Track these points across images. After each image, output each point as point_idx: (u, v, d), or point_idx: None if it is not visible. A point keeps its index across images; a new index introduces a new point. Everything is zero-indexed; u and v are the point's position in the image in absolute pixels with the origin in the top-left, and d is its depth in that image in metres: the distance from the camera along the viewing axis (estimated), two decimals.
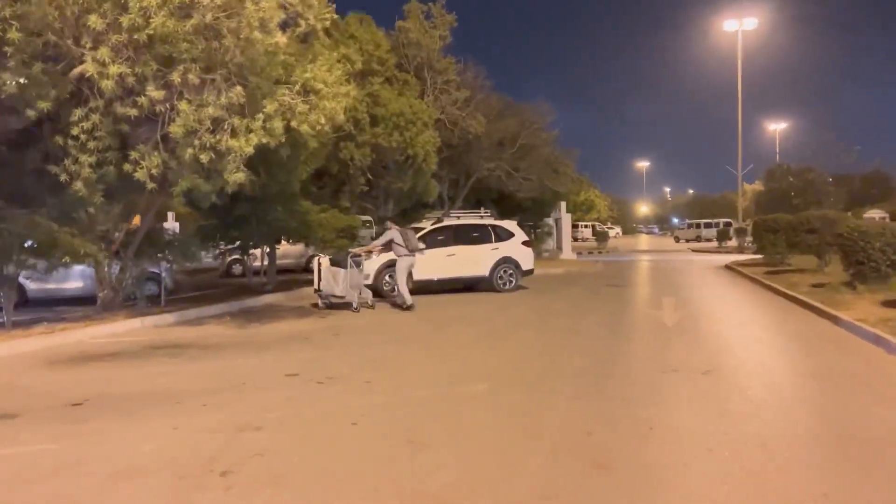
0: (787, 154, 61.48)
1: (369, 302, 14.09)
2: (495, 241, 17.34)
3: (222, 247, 16.37)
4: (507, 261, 17.20)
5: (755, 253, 30.16)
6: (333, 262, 14.05)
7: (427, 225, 17.26)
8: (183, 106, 8.92)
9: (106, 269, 12.36)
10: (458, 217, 17.74)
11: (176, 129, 8.98)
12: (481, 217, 17.80)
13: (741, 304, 14.66)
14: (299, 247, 21.29)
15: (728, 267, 25.45)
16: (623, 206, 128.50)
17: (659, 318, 12.41)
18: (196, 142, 9.24)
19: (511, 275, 17.24)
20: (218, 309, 13.72)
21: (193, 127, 9.12)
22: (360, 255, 14.03)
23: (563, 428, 5.64)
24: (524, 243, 17.72)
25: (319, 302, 14.19)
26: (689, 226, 69.19)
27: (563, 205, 30.95)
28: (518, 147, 29.84)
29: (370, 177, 21.57)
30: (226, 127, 9.22)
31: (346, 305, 13.84)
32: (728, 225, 63.21)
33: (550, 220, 33.61)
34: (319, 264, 14.11)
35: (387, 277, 16.08)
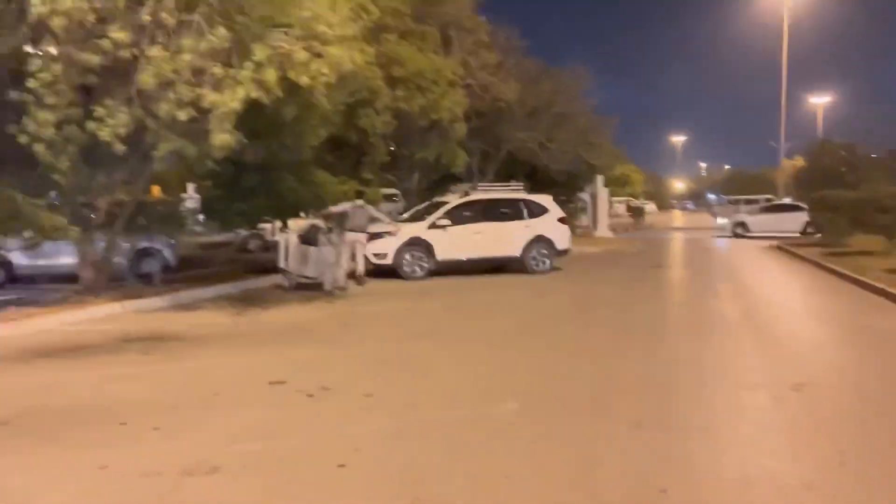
0: (831, 129, 58.41)
1: (341, 283, 12.52)
2: (528, 218, 15.62)
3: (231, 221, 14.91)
4: (540, 240, 15.49)
5: (804, 232, 28.04)
6: (304, 239, 12.51)
7: (453, 199, 15.59)
8: (154, 51, 7.35)
9: (88, 245, 10.94)
10: (487, 191, 16.00)
11: (146, 79, 7.44)
12: (512, 191, 16.06)
13: (807, 291, 12.83)
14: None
15: (779, 247, 23.41)
16: (657, 181, 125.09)
17: (719, 309, 10.68)
18: (172, 96, 7.68)
19: (545, 255, 15.53)
20: (218, 290, 12.28)
21: (168, 77, 7.56)
22: (332, 232, 12.41)
23: (624, 479, 4.03)
24: (560, 220, 15.98)
25: (286, 282, 12.73)
26: (730, 202, 66.38)
27: (600, 179, 29.01)
28: (553, 116, 27.91)
29: (393, 146, 19.90)
30: (207, 78, 7.63)
31: (317, 286, 12.35)
32: (769, 202, 60.43)
33: (585, 195, 31.67)
34: (287, 241, 12.61)
35: (407, 256, 14.50)
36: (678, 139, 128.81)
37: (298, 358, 7.32)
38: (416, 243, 14.58)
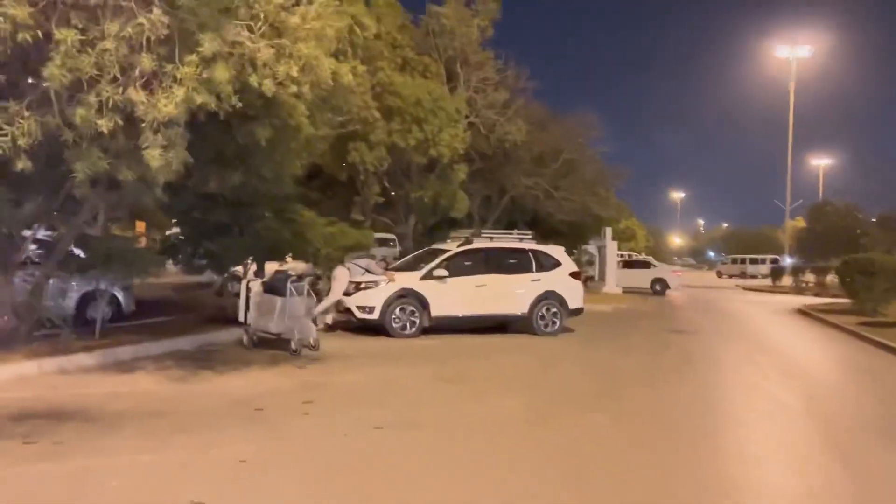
0: (832, 191, 57.78)
1: (311, 342, 10.55)
2: (536, 271, 13.70)
3: (197, 262, 12.93)
4: (550, 296, 13.54)
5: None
6: (268, 288, 10.58)
7: (452, 246, 13.68)
8: (64, 34, 5.51)
9: (5, 287, 8.98)
10: (492, 238, 14.09)
11: (53, 73, 5.57)
12: (520, 240, 14.18)
13: (866, 373, 10.84)
14: (303, 264, 17.69)
15: (803, 312, 21.45)
16: (658, 236, 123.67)
17: (772, 393, 8.70)
18: (92, 98, 5.82)
19: (555, 314, 13.56)
20: (170, 345, 10.25)
21: (85, 72, 5.71)
22: (301, 280, 10.48)
23: None
24: (572, 275, 14.06)
25: (244, 338, 10.75)
26: (734, 261, 64.74)
27: (609, 231, 27.22)
28: (561, 163, 26.31)
29: (387, 185, 18.11)
30: (136, 74, 5.78)
31: (282, 343, 10.36)
32: (775, 262, 58.95)
33: (592, 248, 29.83)
34: (248, 289, 10.66)
35: (397, 311, 12.51)
36: (678, 195, 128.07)
37: (230, 457, 5.28)
38: (407, 295, 12.63)
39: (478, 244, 13.65)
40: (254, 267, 14.19)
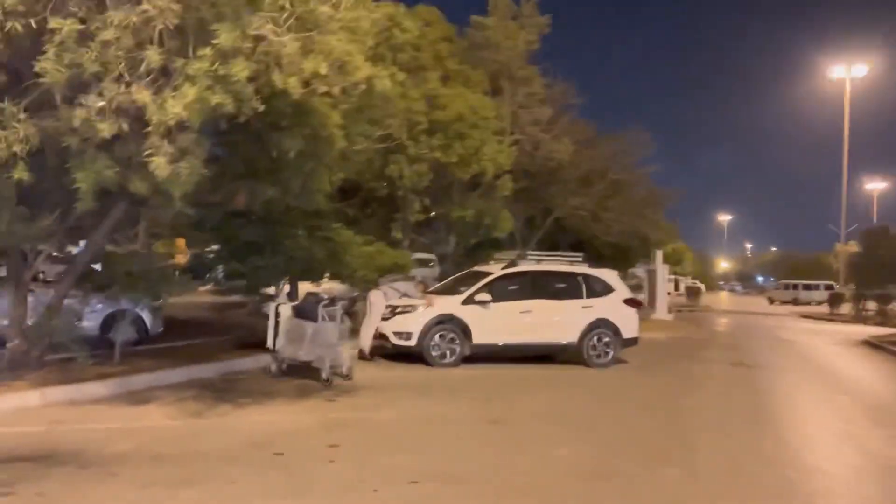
0: (886, 217, 55.58)
1: (344, 371, 9.72)
2: (588, 297, 12.67)
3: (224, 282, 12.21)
4: (603, 324, 12.49)
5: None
6: (298, 312, 9.76)
7: (496, 269, 12.74)
8: (60, 24, 4.81)
9: (17, 307, 8.36)
10: (539, 261, 13.13)
11: (47, 68, 4.87)
12: (570, 262, 13.18)
13: None
14: (339, 286, 16.99)
15: (871, 343, 19.89)
16: (704, 260, 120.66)
17: (863, 443, 7.53)
18: (93, 98, 5.10)
19: (608, 344, 12.49)
20: (191, 373, 9.52)
21: (87, 68, 5.00)
22: (335, 304, 9.65)
23: None
24: (627, 301, 12.99)
25: (272, 366, 9.91)
26: (787, 287, 62.26)
27: (660, 254, 25.96)
28: (608, 183, 25.22)
29: (427, 203, 17.29)
30: (143, 70, 5.05)
31: (312, 371, 9.50)
32: (829, 288, 56.62)
33: (640, 272, 28.56)
34: (277, 314, 9.84)
35: (436, 338, 11.62)
36: (724, 218, 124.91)
37: None
38: (447, 321, 11.73)
39: (523, 266, 12.69)
40: (287, 288, 13.52)
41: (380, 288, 11.98)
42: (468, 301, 11.92)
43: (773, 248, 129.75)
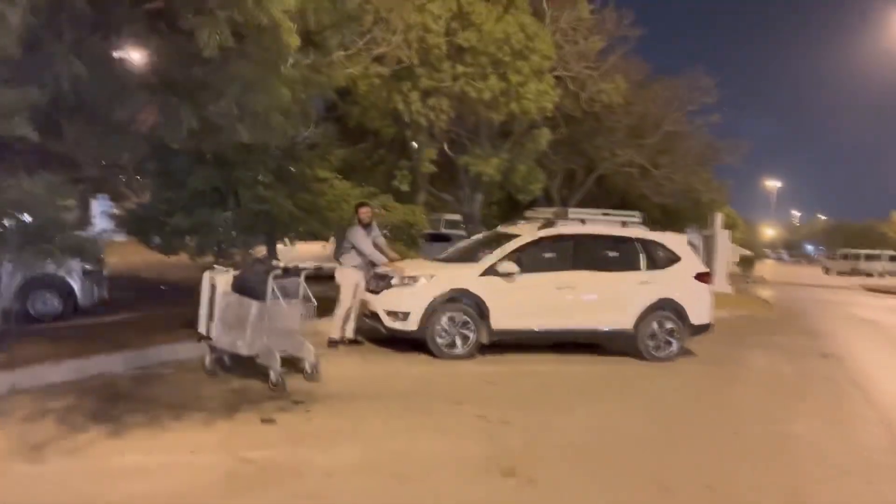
0: None
1: (307, 368, 6.94)
2: (647, 269, 9.62)
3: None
4: (665, 305, 9.45)
5: None
6: (239, 286, 6.78)
7: (526, 231, 9.69)
8: None
9: None
10: (584, 221, 10.04)
11: None
12: (623, 224, 10.07)
13: None
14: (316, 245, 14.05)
15: None
16: (750, 228, 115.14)
17: None
18: None
19: (671, 332, 9.46)
20: (92, 366, 6.77)
21: None
22: (291, 273, 6.77)
23: None
24: (699, 276, 9.89)
25: (206, 359, 7.04)
26: (844, 256, 57.89)
27: (719, 218, 22.54)
28: (662, 135, 21.80)
29: (448, 150, 14.23)
30: None
31: (255, 370, 6.66)
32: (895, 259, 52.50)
33: (694, 237, 25.12)
34: (212, 286, 6.88)
35: (443, 320, 8.70)
36: (772, 184, 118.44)
37: None
38: (460, 299, 8.79)
39: (563, 228, 9.57)
40: (259, 251, 10.71)
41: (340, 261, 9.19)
42: (488, 272, 8.93)
43: (821, 216, 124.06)
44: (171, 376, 6.87)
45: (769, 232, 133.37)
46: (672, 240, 10.08)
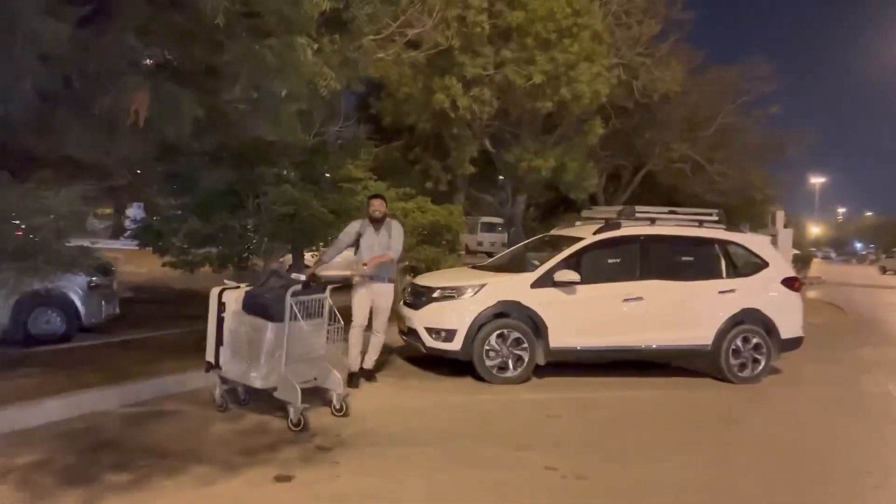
0: None
1: (335, 401, 5.80)
2: (729, 276, 8.29)
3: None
4: (751, 318, 8.10)
5: None
6: (250, 304, 5.59)
7: (584, 233, 8.40)
8: None
9: None
10: (653, 220, 8.58)
11: None
12: (699, 223, 8.72)
13: None
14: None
15: None
16: (795, 225, 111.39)
17: None
18: None
19: (758, 348, 8.09)
20: (81, 404, 5.73)
21: None
22: (314, 289, 5.67)
23: None
24: (787, 283, 8.51)
25: (216, 392, 5.85)
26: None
27: (781, 216, 20.89)
28: (718, 127, 20.30)
29: (489, 146, 13.02)
30: None
31: (275, 403, 5.51)
32: None
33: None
34: (220, 304, 5.75)
35: (493, 340, 7.48)
36: (817, 180, 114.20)
37: None
38: (511, 313, 7.57)
39: (629, 229, 8.27)
40: (285, 260, 9.67)
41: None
42: (543, 282, 7.69)
43: (869, 213, 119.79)
44: (174, 414, 5.77)
45: (814, 230, 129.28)
46: (756, 241, 8.70)
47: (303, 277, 5.64)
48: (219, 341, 5.72)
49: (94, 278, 8.52)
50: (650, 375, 8.11)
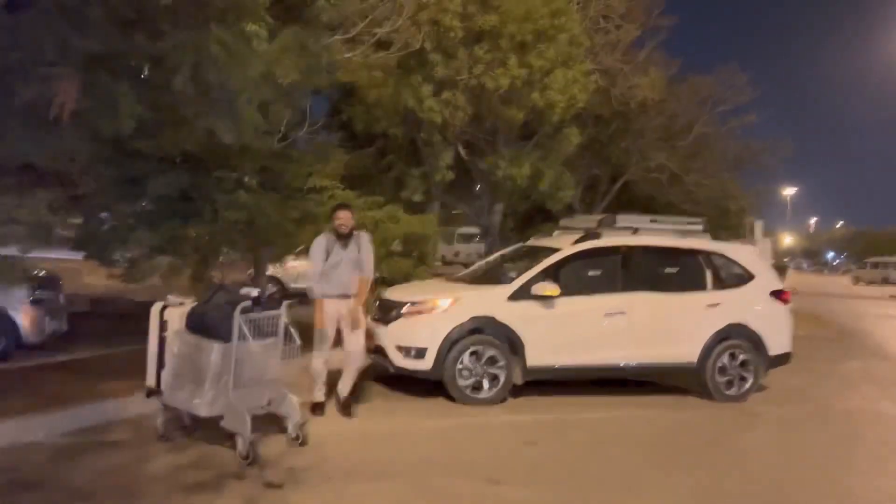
0: None
1: (290, 429, 5.27)
2: (714, 288, 7.89)
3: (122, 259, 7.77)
4: (737, 333, 7.68)
5: None
6: (194, 322, 5.04)
7: (563, 243, 7.94)
8: None
9: None
10: (635, 230, 8.11)
11: None
12: (682, 233, 8.30)
13: None
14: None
15: None
16: (767, 236, 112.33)
17: None
18: None
19: (745, 365, 7.68)
20: (15, 431, 5.14)
21: None
22: (266, 305, 5.11)
23: None
24: (775, 295, 8.12)
25: (159, 420, 5.27)
26: (874, 265, 55.60)
27: (759, 226, 20.70)
28: (694, 137, 20.08)
29: (462, 154, 12.57)
30: None
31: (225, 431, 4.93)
32: None
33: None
34: (162, 322, 5.20)
35: (466, 358, 6.98)
36: (788, 191, 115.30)
37: None
38: (485, 328, 7.07)
39: (611, 240, 7.82)
40: (245, 273, 9.11)
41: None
42: (520, 295, 7.21)
43: (841, 223, 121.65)
44: (110, 446, 5.18)
45: (787, 240, 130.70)
46: (742, 252, 8.32)
47: (254, 292, 5.08)
48: (160, 363, 5.15)
49: (36, 292, 7.89)
50: (632, 393, 7.67)
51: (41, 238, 5.92)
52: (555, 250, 7.65)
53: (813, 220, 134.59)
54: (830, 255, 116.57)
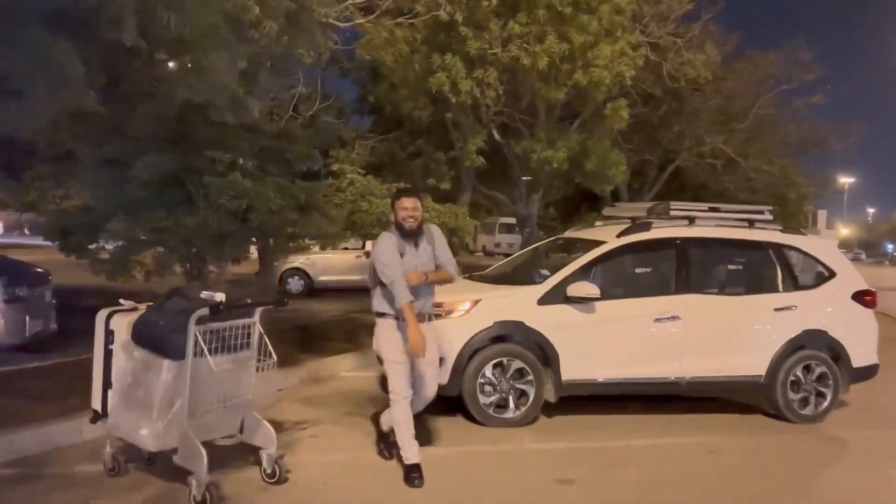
0: None
1: (264, 463, 4.28)
2: (785, 289, 6.66)
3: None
4: (813, 342, 6.48)
5: None
6: (143, 334, 4.02)
7: (604, 234, 6.78)
8: None
9: None
10: (691, 220, 6.89)
11: None
12: (749, 223, 7.05)
13: None
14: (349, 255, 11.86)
15: None
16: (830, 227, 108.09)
17: None
18: None
19: (824, 379, 6.47)
20: None
21: None
22: (228, 312, 4.05)
23: None
24: (858, 297, 6.85)
25: (106, 450, 4.32)
26: None
27: (823, 217, 19.04)
28: (753, 119, 18.54)
29: (498, 137, 11.46)
30: None
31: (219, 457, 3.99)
32: None
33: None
34: (108, 334, 4.16)
35: (488, 372, 5.93)
36: (845, 180, 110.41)
37: None
38: (511, 338, 6.01)
39: (661, 231, 6.66)
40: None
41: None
42: (553, 297, 6.10)
43: None
44: (51, 479, 4.30)
45: (843, 231, 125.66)
46: (821, 245, 7.07)
47: (218, 297, 4.10)
48: (107, 382, 4.23)
49: (12, 289, 7.11)
50: (688, 411, 6.52)
51: None
52: (596, 244, 6.51)
53: (871, 210, 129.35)
54: (890, 246, 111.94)
